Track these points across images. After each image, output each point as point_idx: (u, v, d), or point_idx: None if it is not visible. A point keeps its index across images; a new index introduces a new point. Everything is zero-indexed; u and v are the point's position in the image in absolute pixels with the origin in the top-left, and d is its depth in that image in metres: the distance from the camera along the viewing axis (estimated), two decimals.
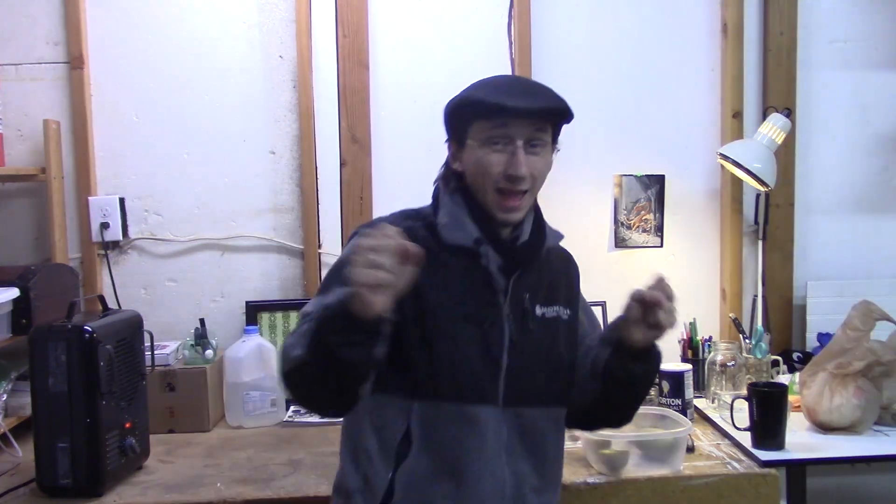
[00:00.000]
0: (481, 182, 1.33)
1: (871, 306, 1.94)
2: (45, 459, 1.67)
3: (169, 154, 2.35)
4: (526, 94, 1.34)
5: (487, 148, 1.32)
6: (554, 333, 1.41)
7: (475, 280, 1.34)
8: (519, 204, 1.34)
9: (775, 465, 1.76)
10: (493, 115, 1.30)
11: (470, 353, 1.32)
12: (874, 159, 2.49)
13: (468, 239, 1.34)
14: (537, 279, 1.41)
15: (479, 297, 1.34)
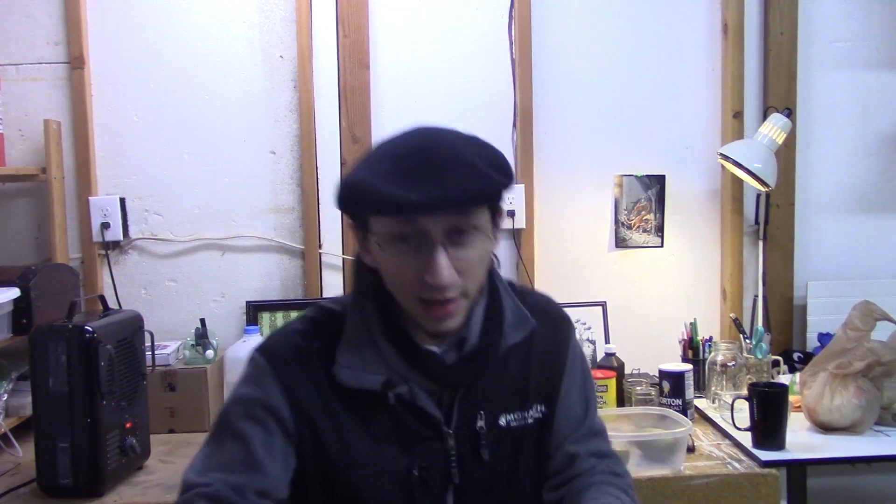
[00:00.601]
0: (397, 289, 1.06)
1: (872, 306, 1.94)
2: (45, 459, 1.67)
3: (169, 154, 2.35)
4: (435, 174, 0.98)
5: (395, 247, 1.02)
6: (520, 445, 1.15)
7: (400, 417, 1.09)
8: (451, 310, 1.05)
9: (776, 465, 1.76)
10: (394, 214, 1.01)
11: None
12: (874, 159, 2.49)
13: (375, 381, 1.07)
14: (499, 379, 1.14)
15: (408, 437, 1.09)
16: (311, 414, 1.07)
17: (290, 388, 1.07)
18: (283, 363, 1.09)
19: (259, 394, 1.08)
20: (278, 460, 1.06)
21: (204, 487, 1.02)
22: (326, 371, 1.08)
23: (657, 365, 2.09)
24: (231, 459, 1.05)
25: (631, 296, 2.43)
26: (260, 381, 1.08)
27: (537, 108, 2.37)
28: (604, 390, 2.04)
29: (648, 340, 2.39)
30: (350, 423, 1.08)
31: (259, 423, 1.07)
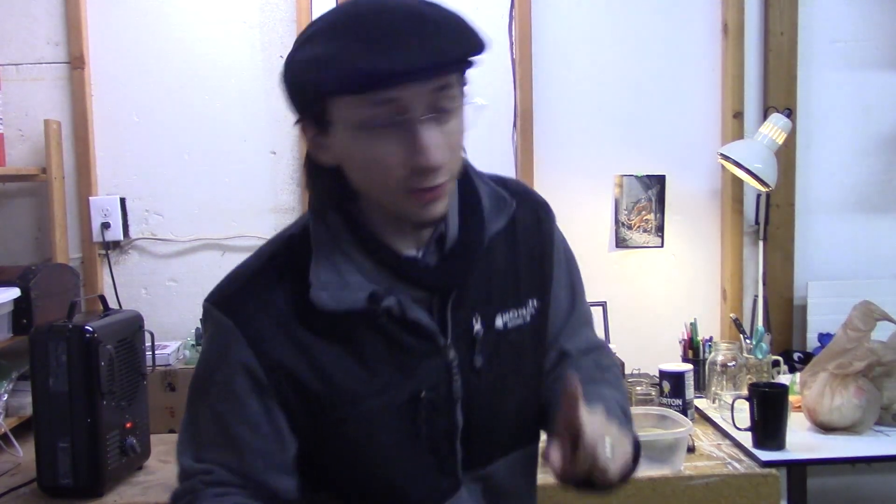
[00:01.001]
0: (376, 182, 0.91)
1: (872, 306, 1.94)
2: (45, 459, 1.67)
3: (169, 154, 2.35)
4: (407, 37, 0.83)
5: (368, 134, 0.87)
6: (520, 348, 1.05)
7: (393, 337, 0.96)
8: (440, 193, 0.91)
9: (776, 465, 1.76)
10: (369, 88, 0.84)
11: (404, 451, 0.98)
12: (875, 159, 2.49)
13: (360, 298, 0.93)
14: (488, 275, 1.02)
15: (406, 358, 0.97)
16: (286, 364, 0.94)
17: (256, 342, 0.93)
18: (241, 313, 0.94)
19: (224, 357, 0.95)
20: (266, 427, 0.95)
21: (204, 475, 0.95)
22: (296, 306, 0.94)
23: (657, 365, 2.09)
24: (214, 438, 0.96)
25: (631, 296, 2.43)
26: (222, 342, 0.95)
27: (537, 108, 2.36)
28: None
29: (648, 340, 2.39)
30: (336, 361, 0.94)
31: (233, 399, 0.95)
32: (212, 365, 0.98)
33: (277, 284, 0.96)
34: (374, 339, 0.96)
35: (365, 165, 0.90)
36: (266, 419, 0.95)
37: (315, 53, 0.86)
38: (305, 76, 0.88)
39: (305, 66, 0.88)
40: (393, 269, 0.96)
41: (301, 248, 0.97)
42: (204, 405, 0.97)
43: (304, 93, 0.90)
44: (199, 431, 0.98)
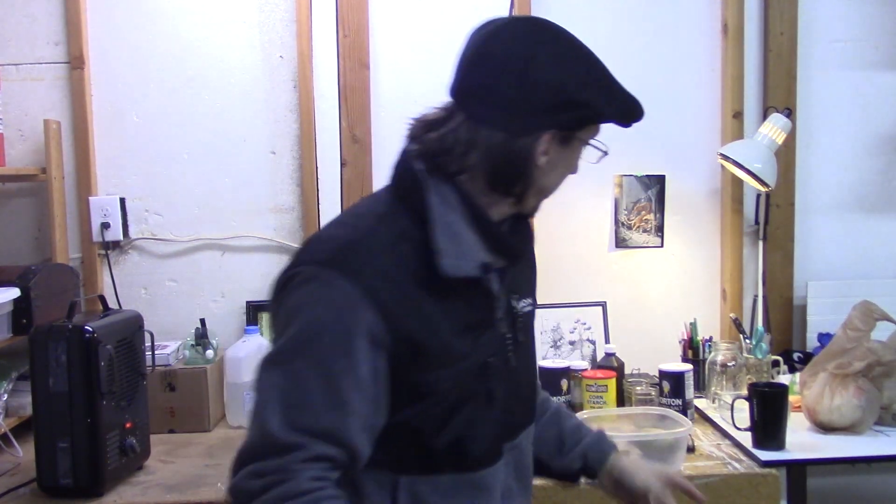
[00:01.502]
0: (552, 183, 1.12)
1: (872, 306, 1.94)
2: (45, 459, 1.67)
3: (169, 154, 2.35)
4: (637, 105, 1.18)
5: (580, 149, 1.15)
6: (531, 331, 1.22)
7: (475, 304, 1.09)
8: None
9: (776, 465, 1.76)
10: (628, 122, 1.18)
11: (475, 410, 1.08)
12: (874, 159, 2.49)
13: (474, 268, 1.05)
14: (516, 267, 1.17)
15: (481, 326, 1.09)
16: (404, 323, 1.00)
17: (378, 302, 0.98)
18: (361, 274, 0.99)
19: (342, 318, 0.98)
20: (373, 390, 1.00)
21: (299, 451, 0.94)
22: (410, 269, 1.02)
23: (657, 365, 2.09)
24: (320, 403, 0.97)
25: (631, 296, 2.43)
26: (340, 303, 0.98)
27: None
28: (604, 390, 2.04)
29: (648, 340, 2.39)
30: (440, 322, 1.03)
31: (348, 356, 0.98)
32: (326, 326, 0.98)
33: (391, 249, 1.02)
34: (462, 305, 1.06)
35: (570, 168, 1.14)
36: (373, 382, 1.00)
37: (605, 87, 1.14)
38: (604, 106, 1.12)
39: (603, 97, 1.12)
40: (492, 240, 1.08)
41: (403, 219, 1.05)
42: (312, 362, 0.97)
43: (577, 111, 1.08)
44: (299, 391, 0.97)
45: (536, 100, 1.04)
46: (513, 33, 1.07)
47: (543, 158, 1.07)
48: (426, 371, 1.02)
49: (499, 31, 1.08)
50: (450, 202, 1.05)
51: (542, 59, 1.05)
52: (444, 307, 1.04)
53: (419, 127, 1.10)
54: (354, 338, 0.98)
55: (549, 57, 1.05)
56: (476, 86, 1.08)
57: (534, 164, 1.07)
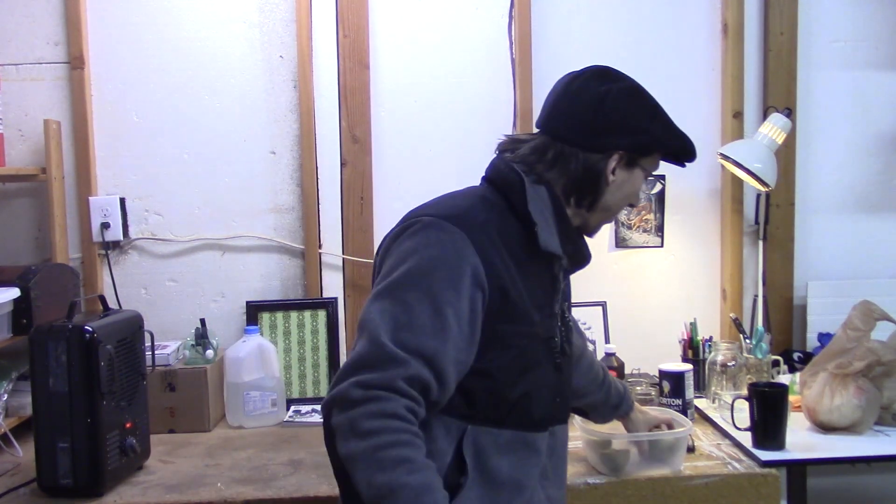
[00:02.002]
0: (619, 203, 1.33)
1: (872, 306, 1.94)
2: (45, 459, 1.67)
3: (169, 154, 2.35)
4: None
5: (643, 181, 1.35)
6: (574, 339, 1.41)
7: (546, 288, 1.29)
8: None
9: (776, 465, 1.76)
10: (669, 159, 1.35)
11: (543, 376, 1.27)
12: (874, 159, 2.49)
13: (558, 246, 1.27)
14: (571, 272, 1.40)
15: (548, 308, 1.28)
16: (502, 275, 1.17)
17: (483, 251, 1.16)
18: (469, 227, 1.17)
19: (454, 257, 1.14)
20: (469, 327, 1.14)
21: (402, 367, 1.07)
22: (505, 235, 1.21)
23: (657, 365, 2.09)
24: (426, 327, 1.11)
25: (631, 296, 2.43)
26: (452, 246, 1.15)
27: (537, 108, 2.34)
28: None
29: (648, 340, 2.39)
30: (526, 285, 1.21)
31: (456, 291, 1.13)
32: (440, 261, 1.14)
33: (491, 216, 1.22)
34: (540, 282, 1.26)
35: (630, 193, 1.33)
36: (470, 319, 1.15)
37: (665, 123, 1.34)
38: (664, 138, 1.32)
39: (663, 130, 1.32)
40: (565, 238, 1.28)
41: (501, 204, 1.25)
42: (422, 292, 1.12)
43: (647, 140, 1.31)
44: (407, 314, 1.11)
45: (610, 123, 1.27)
46: (592, 74, 1.36)
47: (612, 176, 1.29)
48: (511, 323, 1.19)
49: (580, 73, 1.36)
50: (542, 197, 1.26)
51: (616, 93, 1.30)
52: (528, 278, 1.22)
53: (508, 142, 1.35)
54: (462, 275, 1.14)
55: (621, 91, 1.31)
56: (559, 113, 1.31)
57: (604, 179, 1.29)
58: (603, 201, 1.31)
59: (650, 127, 1.30)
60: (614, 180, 1.29)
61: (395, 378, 1.07)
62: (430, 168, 2.37)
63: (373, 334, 1.10)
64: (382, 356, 1.08)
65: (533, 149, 1.30)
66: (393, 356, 1.08)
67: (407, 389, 1.07)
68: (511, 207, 1.25)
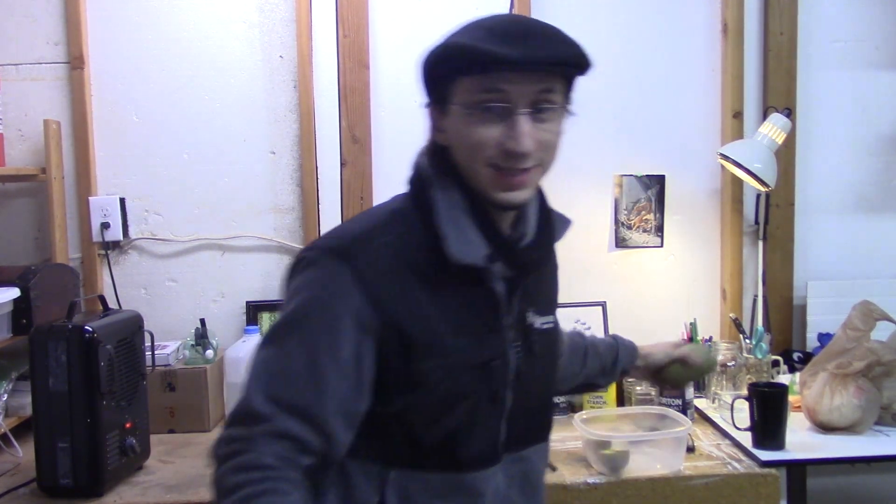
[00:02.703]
0: (473, 157, 1.05)
1: (872, 306, 1.94)
2: (45, 459, 1.67)
3: (169, 154, 2.35)
4: (528, 38, 1.01)
5: (476, 116, 1.02)
6: (552, 350, 1.22)
7: (477, 305, 1.08)
8: (525, 180, 1.05)
9: (776, 465, 1.76)
10: (482, 70, 1.00)
11: (472, 410, 1.07)
12: (874, 159, 2.49)
13: (479, 256, 1.06)
14: (536, 283, 1.17)
15: (482, 327, 1.09)
16: (394, 311, 1.02)
17: (370, 287, 1.02)
18: (358, 260, 1.02)
19: (334, 298, 1.02)
20: (354, 374, 1.02)
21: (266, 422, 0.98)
22: (409, 258, 1.05)
23: None
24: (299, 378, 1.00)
25: (631, 296, 2.43)
26: (334, 285, 1.02)
27: None
28: (604, 390, 2.04)
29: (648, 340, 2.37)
30: (436, 313, 1.05)
31: (333, 336, 1.01)
32: (318, 304, 1.02)
33: (397, 238, 1.06)
34: (463, 301, 1.07)
35: (469, 140, 1.04)
36: (355, 365, 1.02)
37: (457, 40, 1.04)
38: (441, 59, 1.04)
39: (440, 49, 1.04)
40: (495, 243, 1.08)
41: (412, 215, 1.09)
42: (299, 339, 1.02)
43: (435, 74, 1.06)
44: (282, 365, 1.01)
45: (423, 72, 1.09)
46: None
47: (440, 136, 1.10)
48: (418, 360, 1.03)
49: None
50: (453, 198, 1.08)
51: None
52: (442, 301, 1.05)
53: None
54: (340, 319, 1.01)
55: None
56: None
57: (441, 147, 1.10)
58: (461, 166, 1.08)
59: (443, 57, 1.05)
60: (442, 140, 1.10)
61: (259, 433, 0.97)
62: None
63: (247, 387, 1.02)
64: (250, 411, 0.99)
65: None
66: (259, 412, 0.98)
67: (271, 443, 0.97)
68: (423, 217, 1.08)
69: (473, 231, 1.07)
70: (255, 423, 0.98)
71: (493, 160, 1.03)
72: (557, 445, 1.86)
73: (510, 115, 1.02)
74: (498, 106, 1.01)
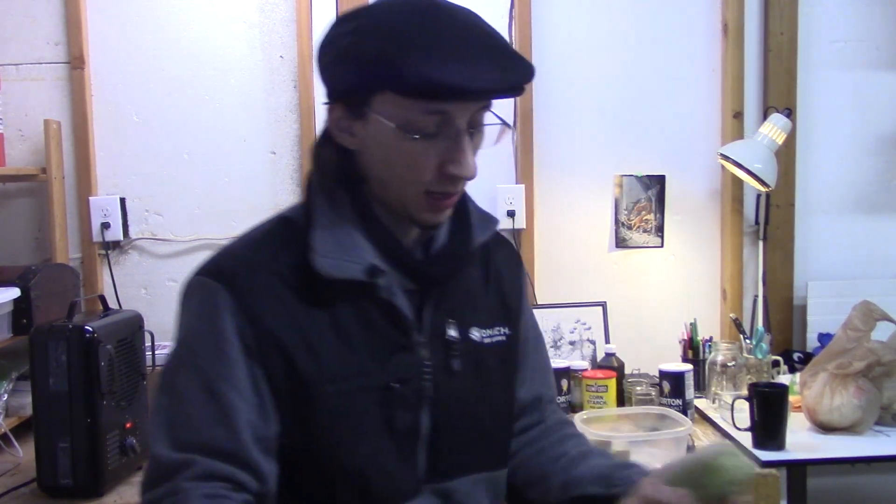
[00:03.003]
0: (402, 178, 0.95)
1: (872, 306, 1.94)
2: (45, 459, 1.67)
3: (169, 154, 2.35)
4: (478, 59, 0.92)
5: (410, 134, 0.91)
6: (491, 367, 1.07)
7: (375, 322, 0.98)
8: (454, 201, 0.99)
9: (776, 465, 1.76)
10: (430, 98, 0.89)
11: (378, 438, 0.96)
12: (874, 159, 2.49)
13: (358, 269, 0.95)
14: (467, 291, 1.06)
15: (381, 346, 0.98)
16: (276, 333, 0.94)
17: (248, 308, 0.93)
18: (234, 281, 0.94)
19: (215, 324, 0.94)
20: (254, 397, 0.94)
21: (186, 469, 0.90)
22: (291, 277, 0.96)
23: (657, 365, 2.09)
24: (203, 416, 0.92)
25: (631, 296, 2.43)
26: (213, 310, 0.94)
27: (537, 108, 2.36)
28: (604, 390, 2.04)
29: (648, 340, 2.39)
30: (322, 335, 0.95)
31: (224, 361, 0.93)
32: (201, 333, 0.95)
33: (273, 256, 0.97)
34: (356, 319, 0.97)
35: (396, 162, 0.94)
36: (252, 387, 0.94)
37: (376, 45, 0.89)
38: (366, 62, 0.90)
39: (368, 52, 0.89)
40: (390, 254, 0.98)
41: (299, 225, 0.99)
42: (191, 372, 0.94)
43: (351, 79, 0.92)
44: (182, 409, 0.93)
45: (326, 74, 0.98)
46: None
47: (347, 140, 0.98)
48: (309, 385, 0.94)
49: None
50: (339, 205, 0.98)
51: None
52: (327, 320, 0.96)
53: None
54: (227, 342, 0.94)
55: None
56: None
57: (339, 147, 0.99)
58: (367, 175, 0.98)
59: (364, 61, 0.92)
60: (348, 143, 0.98)
61: (183, 480, 0.89)
62: None
63: (152, 447, 0.94)
64: (164, 467, 0.91)
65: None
66: (173, 464, 0.90)
67: (200, 485, 0.89)
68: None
69: (360, 241, 0.97)
70: (175, 474, 0.90)
71: (430, 186, 0.94)
72: None
73: (452, 136, 0.93)
74: (436, 128, 0.92)
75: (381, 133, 0.93)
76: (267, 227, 1.03)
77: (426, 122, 0.91)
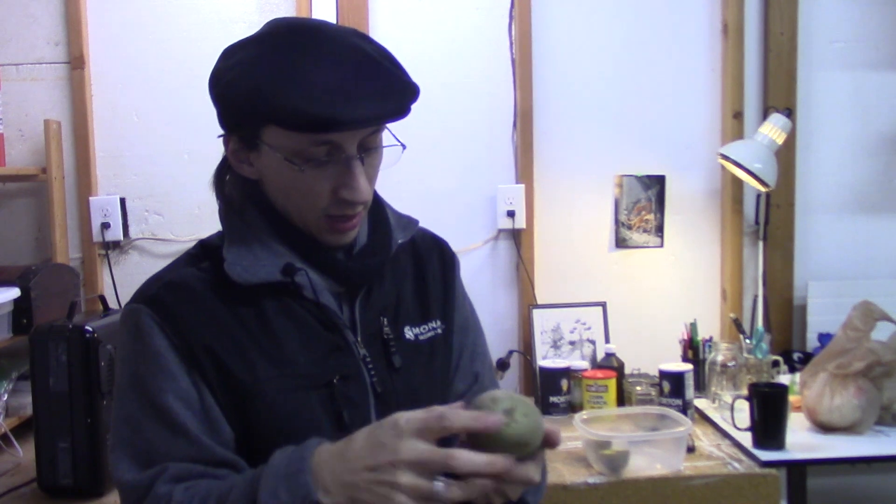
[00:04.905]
0: (299, 205, 0.99)
1: (872, 306, 1.94)
2: (45, 459, 1.67)
3: (170, 154, 2.35)
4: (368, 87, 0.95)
5: (299, 164, 0.95)
6: (430, 361, 1.10)
7: (306, 322, 1.00)
8: (356, 223, 1.02)
9: (776, 465, 1.76)
10: (313, 132, 0.92)
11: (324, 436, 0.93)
12: (874, 159, 2.49)
13: (273, 271, 0.99)
14: (396, 290, 1.10)
15: (317, 346, 1.00)
16: (206, 342, 0.96)
17: (176, 325, 0.97)
18: (159, 302, 0.99)
19: (149, 345, 0.97)
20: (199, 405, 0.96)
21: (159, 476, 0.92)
22: (214, 289, 0.99)
23: (657, 365, 2.09)
24: (159, 433, 0.95)
25: (631, 296, 2.43)
26: (145, 332, 0.97)
27: (537, 108, 2.36)
28: (604, 390, 2.05)
29: (648, 340, 2.39)
30: (253, 340, 0.98)
31: (164, 375, 0.96)
32: (138, 355, 0.98)
33: (192, 273, 1.02)
34: (289, 323, 1.00)
35: (291, 190, 0.98)
36: (198, 396, 0.96)
37: (255, 81, 0.92)
38: (246, 98, 0.93)
39: (248, 88, 0.93)
40: (309, 256, 1.01)
41: (218, 244, 1.03)
42: (137, 398, 0.96)
43: (240, 112, 0.96)
44: (139, 432, 0.96)
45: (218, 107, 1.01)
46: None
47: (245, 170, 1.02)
48: (248, 390, 0.97)
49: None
50: (252, 225, 1.02)
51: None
52: (257, 325, 0.99)
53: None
54: (162, 357, 0.96)
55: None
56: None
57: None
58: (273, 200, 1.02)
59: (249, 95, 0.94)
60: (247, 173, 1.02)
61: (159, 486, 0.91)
62: (429, 168, 2.37)
63: (118, 478, 0.95)
64: (139, 491, 0.93)
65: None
66: (147, 480, 0.92)
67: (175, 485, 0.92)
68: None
69: (275, 247, 1.01)
70: (151, 485, 0.92)
71: (327, 210, 0.98)
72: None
73: (342, 162, 0.96)
74: (327, 155, 0.95)
75: (274, 163, 0.97)
76: (186, 252, 1.09)
77: (315, 151, 0.94)
